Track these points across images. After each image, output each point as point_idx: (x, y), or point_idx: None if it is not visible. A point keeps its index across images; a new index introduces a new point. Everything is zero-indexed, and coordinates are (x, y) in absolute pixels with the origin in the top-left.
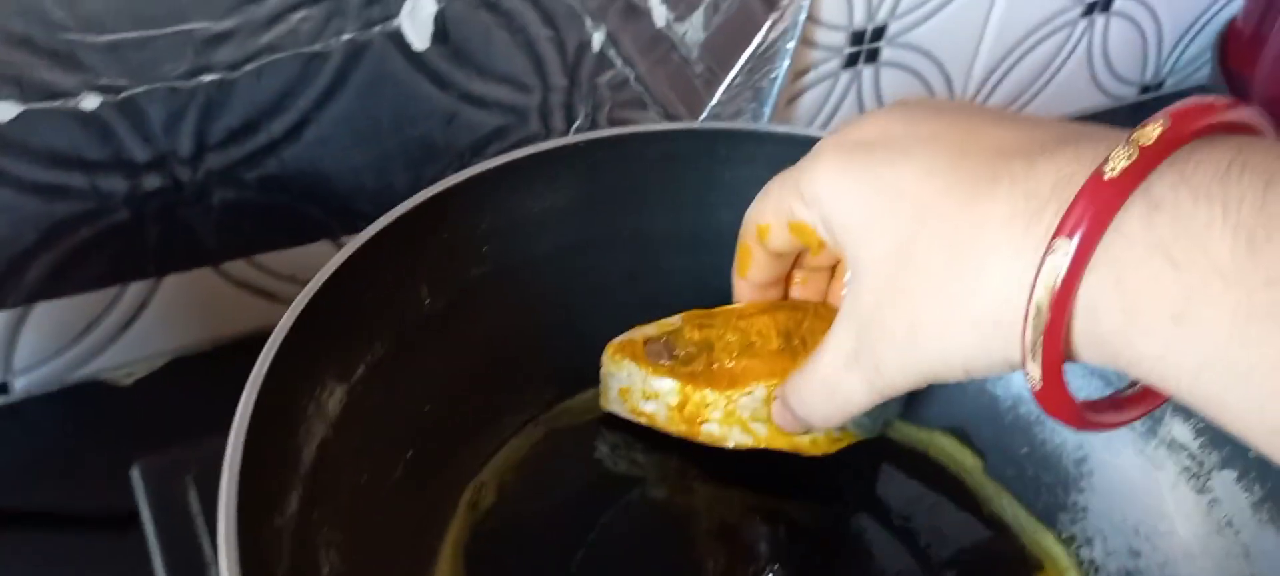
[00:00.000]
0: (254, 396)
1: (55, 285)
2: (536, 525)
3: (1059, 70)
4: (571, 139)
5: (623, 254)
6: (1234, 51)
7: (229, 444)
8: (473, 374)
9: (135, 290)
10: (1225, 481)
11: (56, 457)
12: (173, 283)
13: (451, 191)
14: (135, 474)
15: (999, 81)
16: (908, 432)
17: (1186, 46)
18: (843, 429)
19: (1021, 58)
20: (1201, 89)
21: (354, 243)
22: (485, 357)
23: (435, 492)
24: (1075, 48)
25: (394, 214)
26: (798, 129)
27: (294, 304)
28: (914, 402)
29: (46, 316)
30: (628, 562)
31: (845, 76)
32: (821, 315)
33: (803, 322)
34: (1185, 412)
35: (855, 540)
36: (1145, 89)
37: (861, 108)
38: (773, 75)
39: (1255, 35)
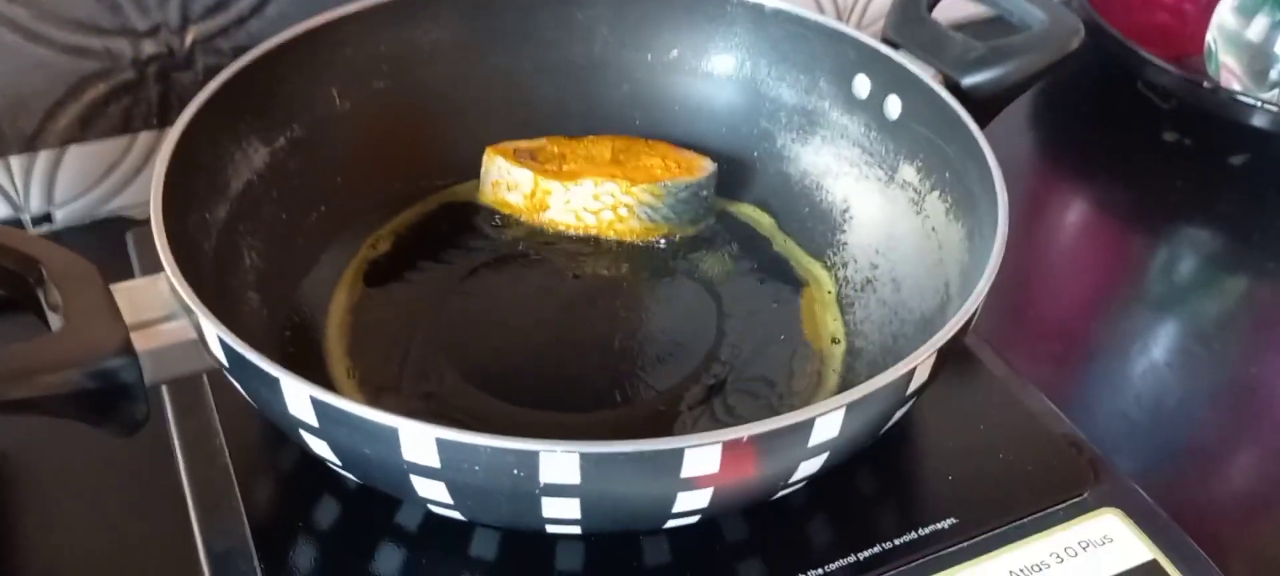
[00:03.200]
0: (182, 128)
1: (82, 131)
2: (422, 265)
3: None
4: None
5: (497, 80)
6: None
7: (158, 155)
8: (376, 159)
9: (144, 140)
10: (933, 201)
11: None
12: None
13: (350, 16)
14: (129, 237)
15: None
16: (725, 205)
17: None
18: (659, 222)
19: None
20: None
21: (269, 42)
22: (386, 148)
23: (342, 236)
24: None
25: (300, 27)
26: None
27: (220, 74)
28: (731, 185)
29: (77, 160)
30: (488, 295)
31: None
32: (648, 144)
33: (631, 147)
34: (910, 157)
35: (671, 280)
36: None
37: None
38: None
39: None
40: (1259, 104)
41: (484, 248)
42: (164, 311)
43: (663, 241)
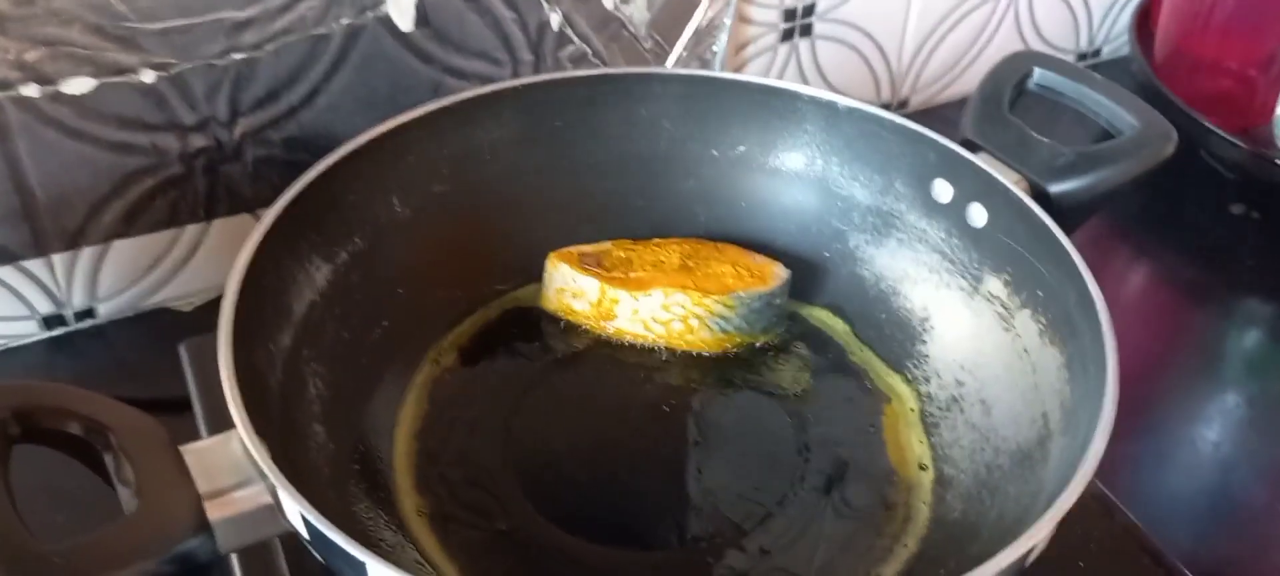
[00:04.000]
0: (249, 256)
1: (127, 227)
2: (487, 379)
3: (991, 40)
4: (509, 83)
5: (559, 178)
6: (1156, 19)
7: (226, 289)
8: (437, 266)
9: (190, 233)
10: (1023, 319)
11: (133, 366)
12: (220, 226)
13: (413, 122)
14: (182, 349)
15: (932, 52)
16: (795, 307)
17: (1118, 15)
18: (731, 332)
19: (951, 29)
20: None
21: (334, 154)
22: (447, 255)
23: (405, 351)
24: (1002, 20)
25: (366, 136)
26: (698, 71)
27: (285, 194)
28: (801, 286)
29: (121, 254)
30: (555, 412)
31: (784, 49)
32: (717, 248)
33: (699, 251)
34: (997, 269)
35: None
36: (1082, 56)
37: (803, 77)
38: (714, 48)
39: None
40: None
41: (548, 360)
42: (238, 477)
43: (733, 350)
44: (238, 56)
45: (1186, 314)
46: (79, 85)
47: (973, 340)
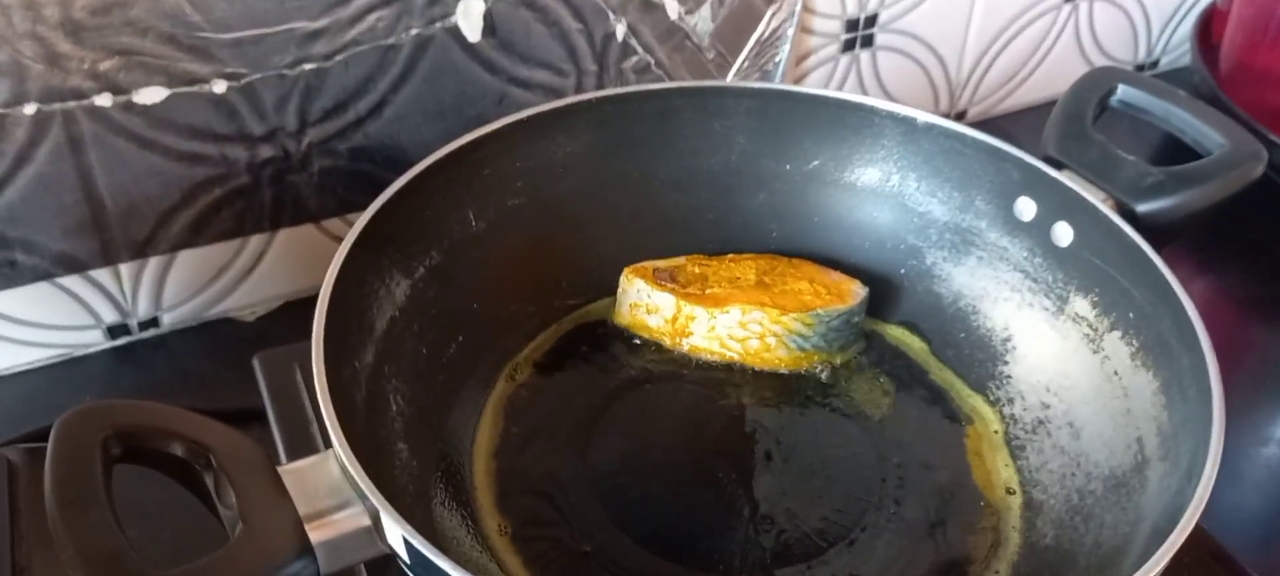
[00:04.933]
0: (335, 272)
1: (193, 237)
2: (562, 395)
3: (1049, 51)
4: (585, 96)
5: (632, 191)
6: (1218, 30)
7: (317, 307)
8: (511, 280)
9: (255, 243)
10: (1113, 341)
11: (196, 376)
12: (284, 237)
13: (489, 136)
14: (256, 362)
15: (991, 62)
16: (871, 325)
17: (1177, 26)
18: (809, 350)
19: (1011, 40)
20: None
21: (413, 170)
22: (521, 268)
23: (481, 366)
24: (1063, 31)
25: (444, 150)
26: (769, 84)
27: (366, 211)
28: (876, 303)
29: (187, 264)
30: (632, 430)
31: (845, 59)
32: (793, 265)
33: (775, 267)
34: (1084, 289)
35: (823, 411)
36: (1141, 68)
37: (863, 88)
38: (776, 59)
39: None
40: None
41: (623, 376)
42: (337, 498)
43: (811, 369)
44: (308, 67)
45: (1252, 331)
46: (152, 95)
47: (1058, 361)
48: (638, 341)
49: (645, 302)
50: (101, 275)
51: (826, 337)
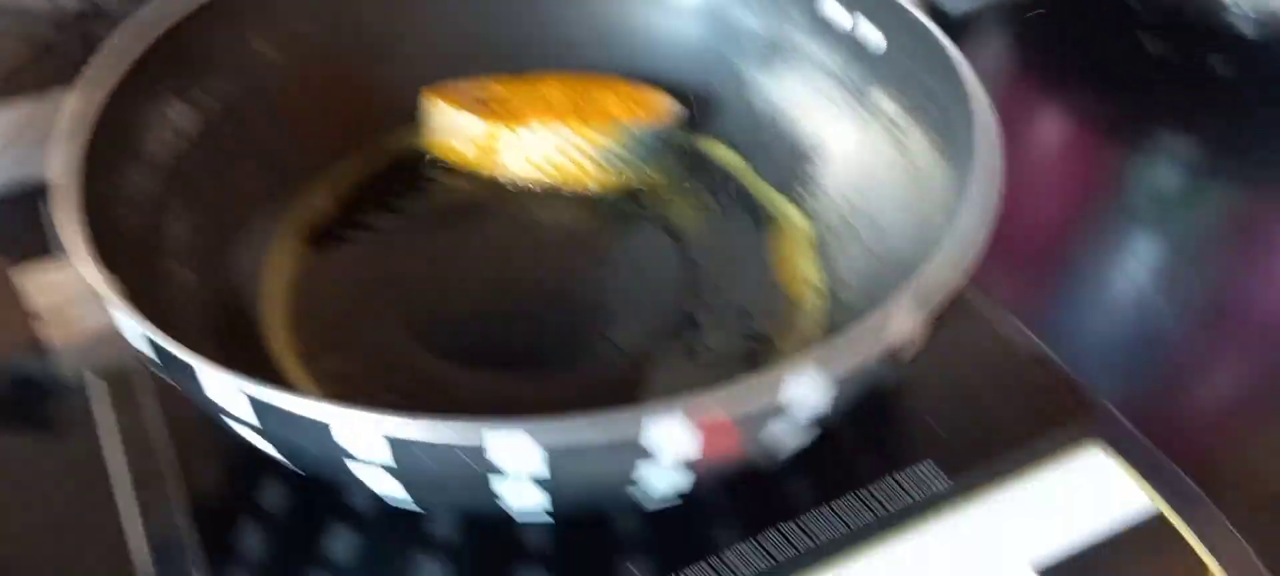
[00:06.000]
0: (103, 95)
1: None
2: (369, 224)
3: None
4: None
5: (431, 13)
6: None
7: (68, 124)
8: (308, 109)
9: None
10: (917, 138)
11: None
12: None
13: None
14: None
15: None
16: (686, 141)
17: None
18: (623, 169)
19: None
20: None
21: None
22: (318, 97)
23: (279, 199)
24: None
25: None
26: None
27: (139, 32)
28: (690, 119)
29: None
30: (442, 255)
31: None
32: (602, 82)
33: (585, 85)
34: (889, 88)
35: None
36: None
37: None
38: None
39: None
40: (1243, 10)
41: (432, 200)
42: (78, 300)
43: (628, 188)
44: None
45: (1101, 153)
46: None
47: (865, 163)
48: (448, 168)
49: (450, 126)
50: None
51: (640, 155)
